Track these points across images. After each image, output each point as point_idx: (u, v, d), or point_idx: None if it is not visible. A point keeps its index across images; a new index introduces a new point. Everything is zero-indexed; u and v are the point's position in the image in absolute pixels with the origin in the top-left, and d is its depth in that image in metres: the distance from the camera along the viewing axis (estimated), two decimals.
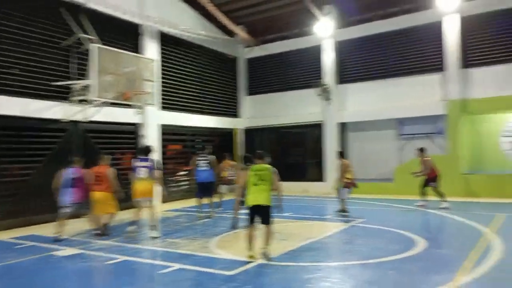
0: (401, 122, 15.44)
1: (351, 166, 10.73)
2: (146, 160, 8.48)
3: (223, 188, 11.77)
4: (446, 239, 8.19)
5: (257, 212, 6.40)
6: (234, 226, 8.82)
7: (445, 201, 10.86)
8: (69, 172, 8.35)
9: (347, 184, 10.39)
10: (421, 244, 7.07)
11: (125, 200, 9.38)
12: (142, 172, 8.30)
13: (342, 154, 10.95)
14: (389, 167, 15.09)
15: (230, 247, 7.35)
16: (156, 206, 8.81)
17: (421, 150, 11.38)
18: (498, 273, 5.45)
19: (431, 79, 14.49)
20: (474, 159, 14.36)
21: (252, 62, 18.59)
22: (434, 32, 14.33)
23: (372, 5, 15.28)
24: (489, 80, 13.52)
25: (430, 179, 11.08)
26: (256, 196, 6.38)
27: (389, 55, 15.39)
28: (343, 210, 10.42)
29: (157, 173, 8.48)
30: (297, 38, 17.15)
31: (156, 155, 13.78)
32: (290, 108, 17.31)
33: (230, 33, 17.41)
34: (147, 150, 8.76)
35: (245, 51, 18.54)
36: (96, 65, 10.59)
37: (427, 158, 11.23)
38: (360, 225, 9.17)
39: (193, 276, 5.72)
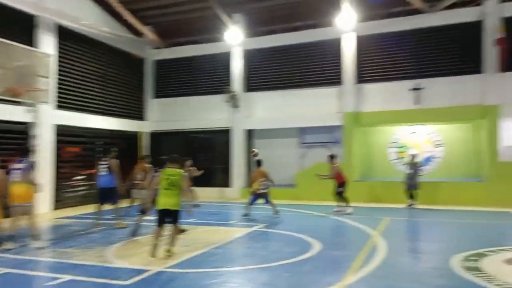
0: (303, 131, 16.27)
1: (264, 175, 11.14)
2: (22, 161, 7.76)
3: (134, 193, 11.28)
4: (339, 242, 8.77)
5: (165, 215, 6.72)
6: (133, 233, 8.49)
7: (349, 206, 11.69)
8: None
9: (253, 192, 11.02)
10: (316, 247, 7.49)
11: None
12: (17, 175, 7.57)
13: (259, 163, 11.48)
14: (291, 173, 15.79)
15: (128, 256, 7.03)
16: (36, 212, 8.01)
17: (331, 156, 12.14)
18: (381, 271, 5.99)
19: (330, 92, 15.52)
20: (365, 167, 15.68)
21: (160, 64, 18.16)
22: (333, 48, 15.40)
23: (278, 18, 15.93)
24: (378, 95, 14.91)
25: (339, 184, 11.87)
26: (166, 200, 6.67)
27: (293, 67, 16.16)
28: (246, 214, 10.97)
29: (32, 175, 7.76)
30: (207, 44, 17.18)
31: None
32: (198, 113, 17.23)
33: (137, 33, 16.82)
34: (25, 150, 8.08)
35: (153, 53, 18.05)
36: None
37: (336, 164, 12.08)
38: (262, 230, 9.43)
39: (85, 287, 5.36)
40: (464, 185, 13.76)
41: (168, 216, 6.73)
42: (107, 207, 10.01)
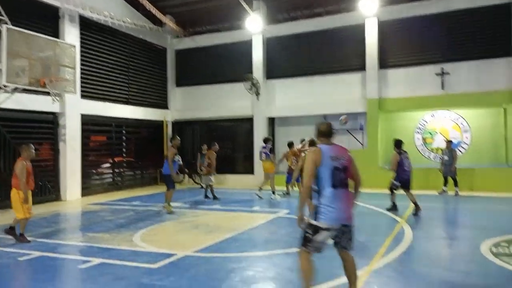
0: (326, 118, 16.09)
1: (296, 154, 12.09)
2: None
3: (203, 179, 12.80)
4: (365, 228, 8.68)
5: None
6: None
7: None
8: None
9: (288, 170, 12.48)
10: None
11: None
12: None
13: (291, 145, 12.58)
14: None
15: (156, 240, 7.18)
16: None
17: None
18: (408, 257, 5.93)
19: (353, 78, 15.27)
20: (389, 153, 15.35)
21: (182, 54, 18.24)
22: (356, 33, 15.09)
23: (299, 4, 15.71)
24: (402, 80, 14.58)
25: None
26: None
27: (314, 53, 15.94)
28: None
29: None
30: (228, 32, 17.13)
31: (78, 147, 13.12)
32: (220, 101, 17.28)
33: (158, 22, 16.90)
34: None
35: (174, 42, 18.14)
36: (5, 48, 9.70)
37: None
38: (285, 216, 9.45)
39: (114, 270, 5.50)
40: (493, 171, 13.39)
41: None
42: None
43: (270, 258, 6.05)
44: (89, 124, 13.95)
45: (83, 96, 13.57)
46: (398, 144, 9.88)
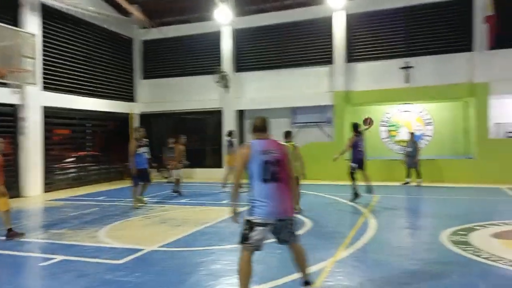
0: (294, 111, 16.24)
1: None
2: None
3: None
4: (331, 219, 8.85)
5: None
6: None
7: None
8: None
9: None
10: (308, 224, 7.57)
11: None
12: None
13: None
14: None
15: (121, 236, 7.06)
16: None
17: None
18: (372, 247, 6.09)
19: (321, 71, 15.43)
20: None
21: (149, 45, 17.89)
22: (324, 26, 15.25)
23: None
24: (368, 74, 14.87)
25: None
26: None
27: (283, 46, 16.01)
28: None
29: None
30: (196, 23, 16.90)
31: (39, 141, 12.66)
32: (188, 94, 17.08)
33: (124, 12, 16.47)
34: None
35: (140, 33, 17.75)
36: None
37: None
38: None
39: (77, 267, 5.37)
40: (454, 162, 13.91)
41: None
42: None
43: (238, 251, 6.06)
44: (52, 117, 13.48)
45: (45, 88, 13.09)
46: (355, 127, 10.46)
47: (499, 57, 13.29)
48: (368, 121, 12.45)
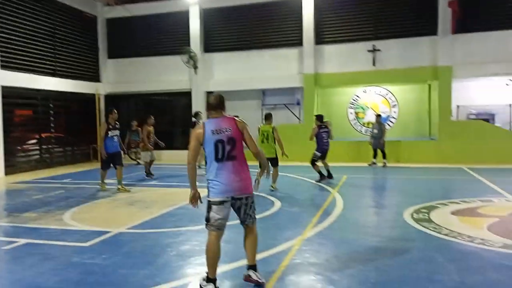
0: (264, 92, 16.23)
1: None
2: None
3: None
4: (298, 199, 9.00)
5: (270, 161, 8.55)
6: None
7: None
8: None
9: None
10: (277, 204, 7.68)
11: None
12: None
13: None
14: (253, 135, 15.78)
15: (88, 219, 6.93)
16: None
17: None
18: (338, 225, 6.25)
19: (290, 53, 15.44)
20: None
21: (113, 23, 17.30)
22: (294, 8, 15.19)
23: None
24: (337, 56, 15.01)
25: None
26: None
27: (253, 27, 15.87)
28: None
29: None
30: (163, 1, 16.43)
31: None
32: (156, 74, 16.72)
33: None
34: None
35: (105, 10, 17.12)
36: None
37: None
38: None
39: (42, 250, 5.25)
40: (418, 143, 14.38)
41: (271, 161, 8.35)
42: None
43: (206, 232, 6.08)
44: (11, 97, 12.90)
45: (3, 67, 12.49)
46: (319, 118, 10.70)
47: (462, 41, 13.70)
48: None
